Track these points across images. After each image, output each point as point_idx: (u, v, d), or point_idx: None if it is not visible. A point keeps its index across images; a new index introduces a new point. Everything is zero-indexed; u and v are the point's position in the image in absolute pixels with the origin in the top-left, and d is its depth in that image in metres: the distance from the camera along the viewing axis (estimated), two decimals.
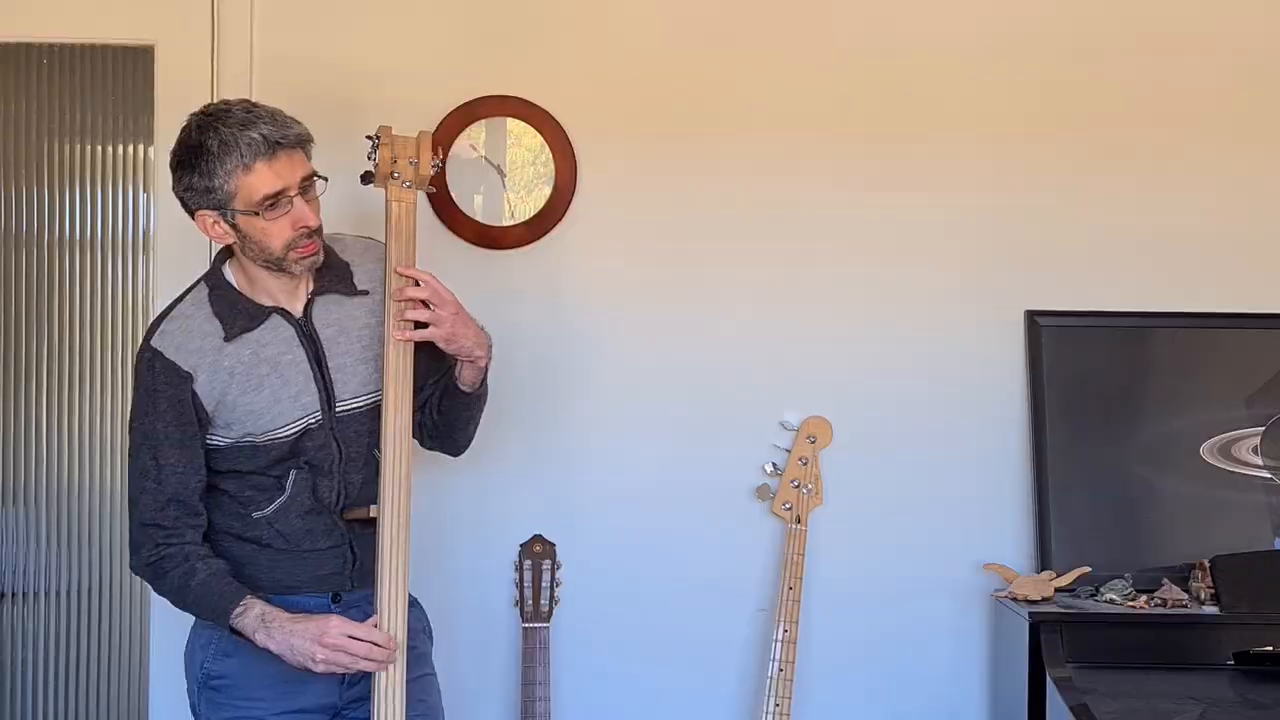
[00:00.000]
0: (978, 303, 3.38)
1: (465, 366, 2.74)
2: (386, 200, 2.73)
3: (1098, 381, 3.35)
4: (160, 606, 3.30)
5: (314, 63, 3.27)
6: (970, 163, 3.37)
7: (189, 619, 2.83)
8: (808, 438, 3.31)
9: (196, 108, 3.24)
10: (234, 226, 2.55)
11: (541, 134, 3.32)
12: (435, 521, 3.13)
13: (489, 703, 3.33)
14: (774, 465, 3.33)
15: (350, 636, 2.51)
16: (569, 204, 3.33)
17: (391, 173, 2.71)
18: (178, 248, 3.34)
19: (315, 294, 2.66)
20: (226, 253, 2.66)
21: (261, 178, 2.50)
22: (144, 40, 3.35)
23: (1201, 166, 3.38)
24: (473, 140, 3.31)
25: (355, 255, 2.73)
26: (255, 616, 2.52)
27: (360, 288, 2.70)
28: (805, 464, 3.30)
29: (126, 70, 3.44)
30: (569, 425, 3.35)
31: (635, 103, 3.35)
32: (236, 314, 2.60)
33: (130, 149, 3.48)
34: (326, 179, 2.61)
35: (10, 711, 3.50)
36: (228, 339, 2.59)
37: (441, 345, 2.69)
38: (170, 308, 2.65)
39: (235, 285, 2.64)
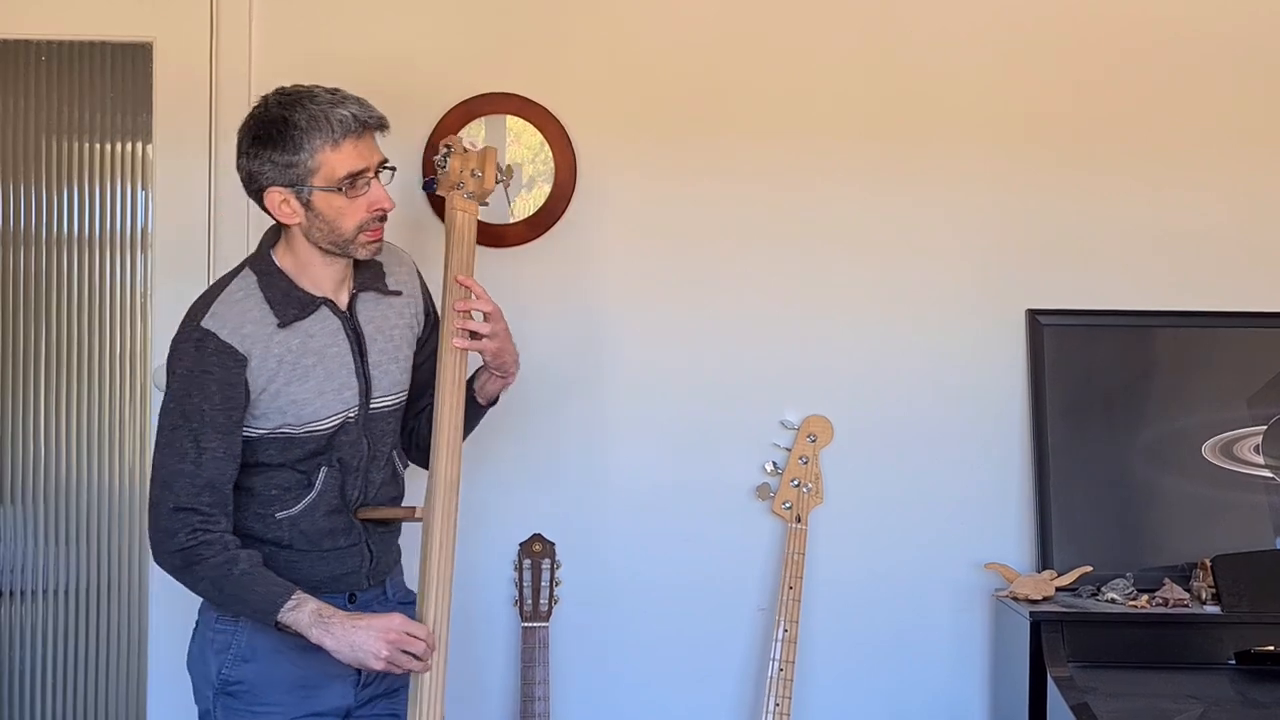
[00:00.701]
0: (979, 301, 3.37)
1: (494, 380, 2.79)
2: (449, 209, 2.80)
3: (1099, 381, 3.35)
4: (160, 606, 3.32)
5: (313, 60, 3.26)
6: (972, 163, 3.36)
7: (188, 618, 2.82)
8: (808, 436, 3.31)
9: (194, 105, 3.29)
10: (306, 204, 2.55)
11: (542, 132, 3.32)
12: None
13: (488, 702, 3.33)
14: (774, 464, 3.32)
15: (410, 635, 2.51)
16: (569, 202, 3.32)
17: (458, 183, 2.79)
18: (176, 245, 3.34)
19: (358, 290, 2.67)
20: (272, 240, 2.65)
21: (347, 155, 2.53)
22: (142, 37, 3.35)
23: (1204, 166, 3.37)
24: (472, 137, 3.31)
25: (386, 257, 2.73)
26: (311, 612, 2.49)
27: (392, 288, 2.72)
28: (805, 463, 3.30)
29: (125, 67, 3.43)
30: (568, 424, 3.34)
31: (636, 101, 3.35)
32: (289, 301, 2.58)
33: (129, 146, 3.46)
34: (395, 169, 2.63)
35: (9, 711, 3.49)
36: (282, 325, 2.56)
37: (489, 358, 2.74)
38: (215, 290, 2.61)
39: (286, 272, 2.62)
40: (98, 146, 3.48)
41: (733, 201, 3.36)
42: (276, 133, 2.53)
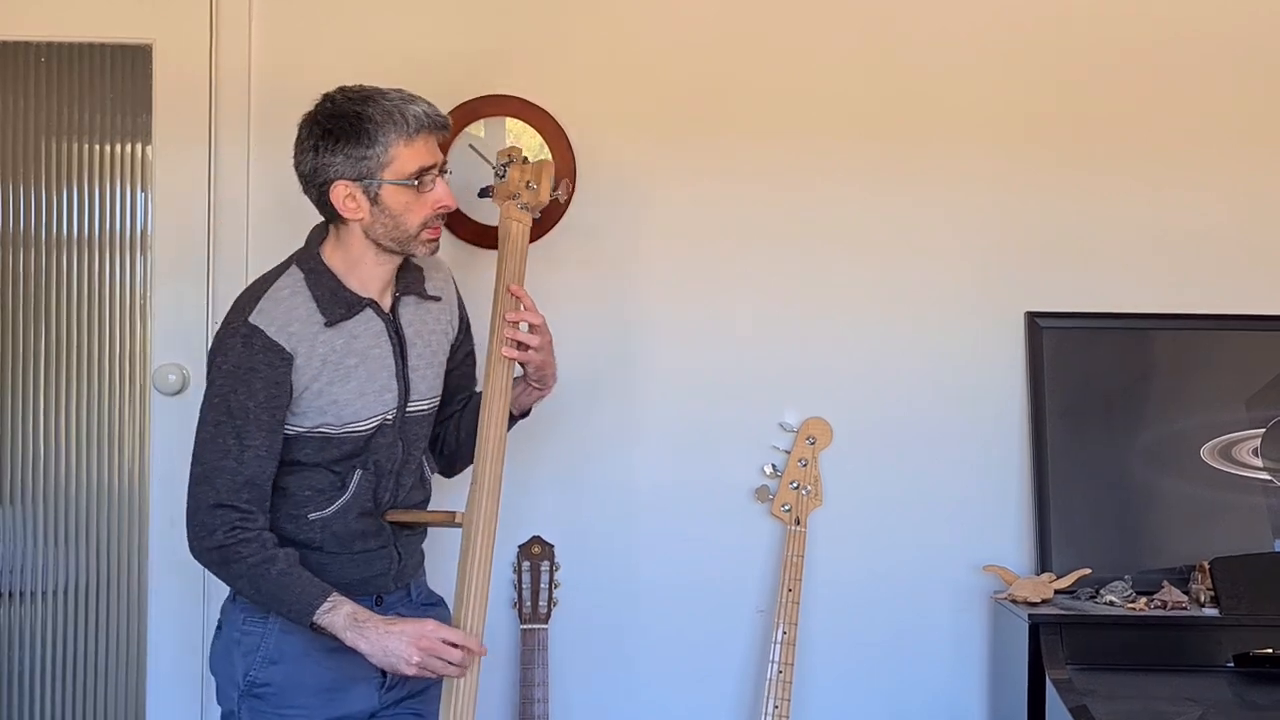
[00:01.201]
0: (978, 304, 3.37)
1: (531, 392, 2.81)
2: (503, 218, 2.85)
3: (1098, 383, 3.35)
4: (159, 605, 3.33)
5: (312, 61, 3.27)
6: (971, 164, 3.36)
7: (188, 619, 2.83)
8: (807, 439, 3.31)
9: (194, 106, 3.29)
10: (374, 199, 2.56)
11: (541, 134, 3.32)
12: None
13: (487, 703, 3.30)
14: (773, 467, 3.32)
15: (444, 641, 2.51)
16: (567, 205, 3.32)
17: (514, 194, 2.83)
18: (175, 246, 3.35)
19: (401, 293, 2.67)
20: (320, 237, 2.65)
21: (419, 151, 2.56)
22: (142, 39, 3.35)
23: (1203, 168, 3.37)
24: (472, 139, 3.30)
25: (425, 262, 2.75)
26: (346, 615, 2.49)
27: (431, 293, 2.73)
28: (804, 465, 3.30)
29: (125, 69, 3.43)
30: (567, 426, 3.34)
31: (636, 102, 3.35)
32: (337, 301, 2.59)
33: (128, 148, 3.46)
34: (451, 171, 2.67)
35: (9, 711, 3.49)
36: (328, 324, 2.57)
37: (530, 369, 2.76)
38: (262, 286, 2.61)
39: (334, 270, 2.62)
40: (97, 148, 3.47)
41: (732, 203, 3.36)
42: (350, 126, 2.54)
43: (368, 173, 2.54)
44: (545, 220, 3.32)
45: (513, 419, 2.82)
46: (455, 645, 2.52)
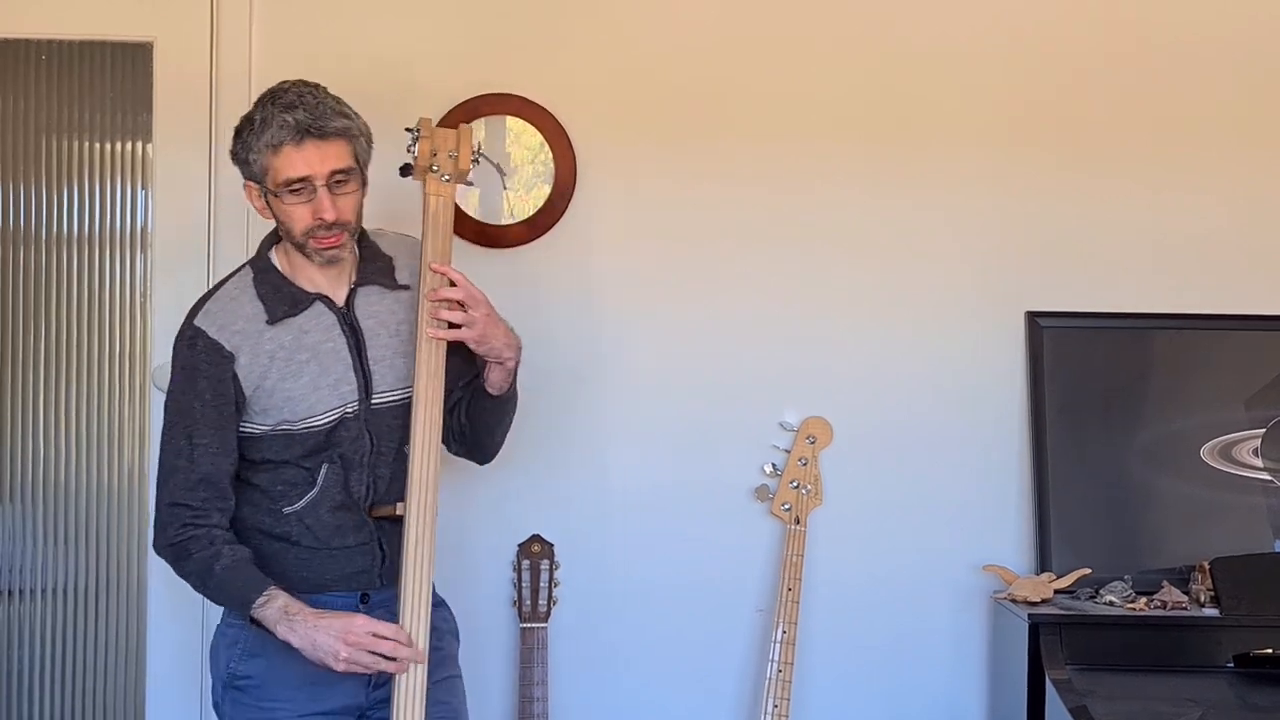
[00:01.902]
0: (978, 304, 3.37)
1: (494, 368, 2.73)
2: (424, 194, 2.73)
3: (1098, 383, 3.35)
4: (159, 604, 3.33)
5: (313, 60, 3.25)
6: (971, 165, 3.36)
7: (188, 617, 2.83)
8: (807, 438, 3.31)
9: (195, 104, 3.29)
10: (268, 202, 2.59)
11: (541, 132, 3.32)
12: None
13: (486, 702, 3.32)
14: (773, 466, 3.32)
15: (375, 635, 2.49)
16: (568, 203, 3.32)
17: (431, 165, 2.72)
18: (176, 245, 3.35)
19: (358, 284, 2.67)
20: (274, 238, 2.67)
21: (286, 161, 2.53)
22: (143, 37, 3.35)
23: (1202, 169, 3.37)
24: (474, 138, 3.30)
25: (397, 250, 2.74)
26: (278, 608, 2.50)
27: (401, 282, 2.71)
28: (805, 464, 3.30)
29: (125, 67, 3.43)
30: (567, 425, 3.34)
31: (636, 102, 3.35)
32: (281, 298, 2.61)
33: (129, 146, 3.46)
34: (367, 180, 2.62)
35: (8, 710, 3.49)
36: (271, 322, 2.59)
37: (473, 346, 2.69)
38: (214, 289, 2.65)
39: (280, 269, 2.64)
40: (98, 146, 3.47)
41: (732, 203, 3.36)
42: (243, 129, 2.58)
43: (255, 177, 2.57)
44: (545, 219, 3.33)
45: (490, 399, 2.76)
46: (386, 640, 2.50)
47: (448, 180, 2.73)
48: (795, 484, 3.30)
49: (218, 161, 3.28)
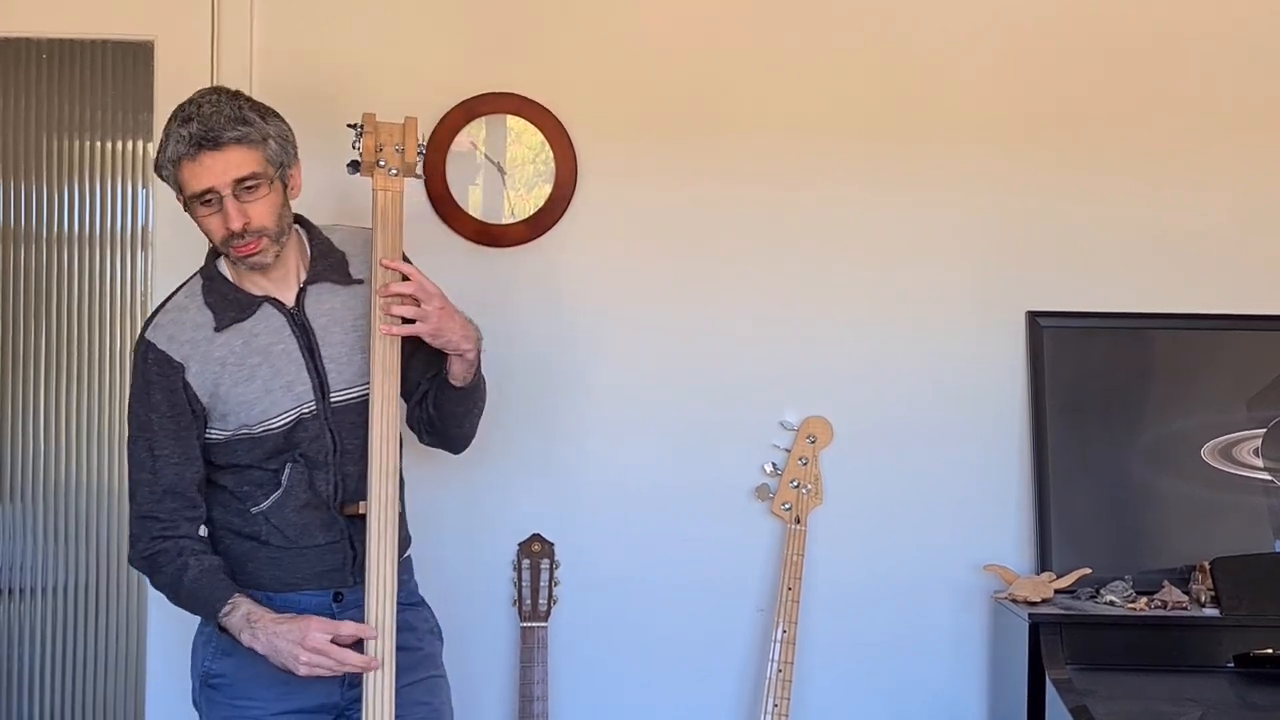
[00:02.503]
0: (979, 303, 3.37)
1: (454, 361, 2.69)
2: (373, 189, 2.70)
3: (1099, 382, 3.35)
4: (158, 603, 3.31)
5: (314, 58, 3.27)
6: (972, 164, 3.36)
7: (187, 616, 2.81)
8: (807, 438, 3.31)
9: None
10: (189, 211, 2.59)
11: (542, 131, 3.32)
12: (433, 519, 3.12)
13: (487, 701, 3.33)
14: (774, 465, 3.32)
15: (334, 638, 2.49)
16: (569, 202, 3.32)
17: (377, 161, 2.69)
18: (176, 243, 3.33)
19: (308, 283, 2.66)
20: None
21: (186, 174, 2.53)
22: (144, 36, 3.35)
23: (1204, 167, 3.37)
24: (473, 137, 3.31)
25: (351, 245, 2.72)
26: (241, 616, 2.51)
27: (355, 277, 2.69)
28: (805, 464, 3.30)
29: (126, 66, 3.43)
30: (568, 424, 3.34)
31: (637, 101, 3.35)
32: (228, 304, 2.61)
33: (130, 144, 3.47)
34: (256, 185, 2.53)
35: (8, 708, 3.49)
36: (219, 329, 2.60)
37: (428, 340, 2.65)
38: (166, 300, 2.68)
39: (227, 276, 2.64)
40: (98, 144, 3.48)
41: (732, 202, 3.36)
42: (163, 138, 2.57)
43: (175, 190, 2.57)
44: (546, 219, 3.33)
45: (455, 390, 2.72)
46: (346, 638, 2.50)
47: (395, 174, 2.69)
48: (795, 483, 3.29)
49: None
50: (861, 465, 3.35)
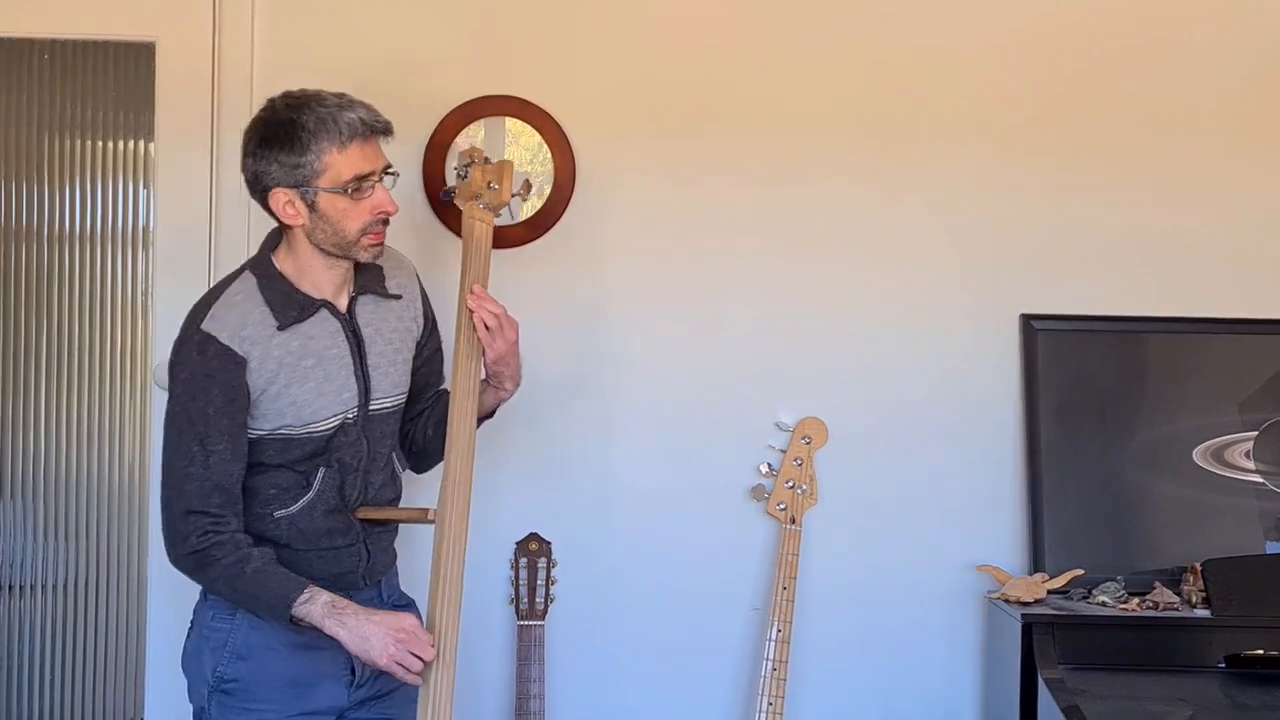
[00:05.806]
0: (973, 306, 3.38)
1: (489, 392, 2.81)
2: (466, 218, 2.89)
3: (1092, 385, 3.36)
4: (158, 600, 3.34)
5: (314, 60, 3.28)
6: (967, 167, 3.37)
7: (187, 613, 2.83)
8: (803, 438, 3.32)
9: (196, 104, 3.30)
10: (311, 206, 2.57)
11: (541, 133, 3.33)
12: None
13: (483, 700, 3.34)
14: (769, 466, 3.34)
15: (419, 636, 2.53)
16: (567, 204, 3.34)
17: (476, 194, 2.88)
18: (177, 243, 3.35)
19: (358, 293, 2.69)
20: (273, 243, 2.67)
21: (353, 158, 2.55)
22: (145, 36, 3.36)
23: (1197, 173, 3.38)
24: (472, 139, 3.32)
25: (386, 261, 2.75)
26: (325, 604, 2.51)
27: (392, 292, 2.74)
28: (800, 465, 3.31)
29: (128, 66, 3.45)
30: (565, 424, 3.35)
31: (634, 103, 3.36)
32: (289, 304, 2.60)
33: (131, 145, 3.48)
34: (398, 174, 2.66)
35: (8, 704, 3.51)
36: (281, 328, 2.58)
37: (489, 360, 2.77)
38: (215, 293, 2.63)
39: (285, 274, 2.64)
40: (100, 144, 3.49)
41: (731, 205, 3.37)
42: (284, 134, 2.55)
43: (303, 180, 2.56)
44: (544, 220, 3.34)
45: (479, 420, 2.82)
46: (426, 642, 2.53)
47: (485, 208, 2.90)
48: (791, 484, 3.31)
49: (219, 161, 3.29)
50: (856, 466, 3.36)
